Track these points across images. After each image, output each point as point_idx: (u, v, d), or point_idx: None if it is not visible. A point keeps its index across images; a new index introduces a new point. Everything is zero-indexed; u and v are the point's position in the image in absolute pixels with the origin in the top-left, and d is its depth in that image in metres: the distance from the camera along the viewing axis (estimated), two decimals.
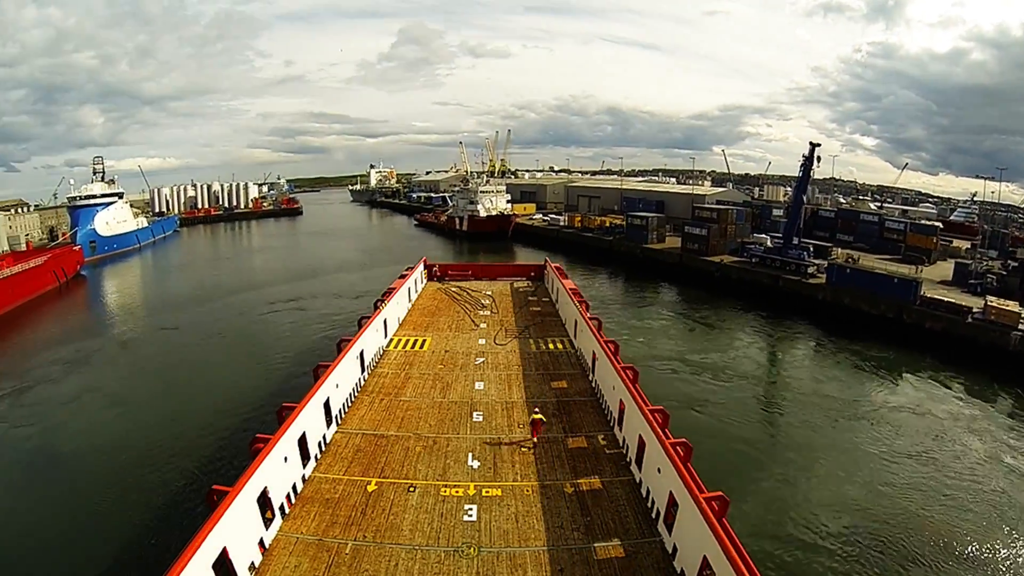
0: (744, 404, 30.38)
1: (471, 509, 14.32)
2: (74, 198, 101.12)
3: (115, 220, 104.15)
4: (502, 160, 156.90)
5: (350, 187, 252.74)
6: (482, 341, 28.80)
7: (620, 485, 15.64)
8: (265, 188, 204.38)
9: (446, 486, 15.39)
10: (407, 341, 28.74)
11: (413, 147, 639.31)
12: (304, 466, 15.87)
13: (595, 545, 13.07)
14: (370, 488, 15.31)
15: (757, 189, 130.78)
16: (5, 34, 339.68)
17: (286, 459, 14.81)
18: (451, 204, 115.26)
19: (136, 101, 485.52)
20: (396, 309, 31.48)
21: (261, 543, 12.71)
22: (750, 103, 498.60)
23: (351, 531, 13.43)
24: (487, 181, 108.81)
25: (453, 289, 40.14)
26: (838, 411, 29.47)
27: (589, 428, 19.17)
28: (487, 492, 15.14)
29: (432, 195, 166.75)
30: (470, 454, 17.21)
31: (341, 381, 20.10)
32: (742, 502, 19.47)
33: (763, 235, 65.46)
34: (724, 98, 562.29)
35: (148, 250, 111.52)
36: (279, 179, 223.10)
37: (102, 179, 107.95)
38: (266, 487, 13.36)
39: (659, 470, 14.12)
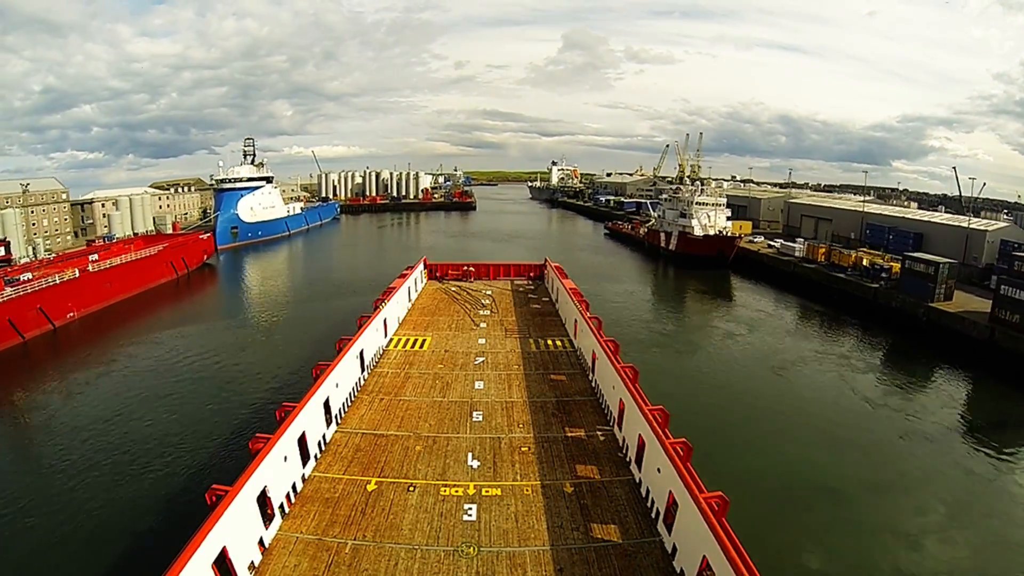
0: None
1: (471, 509, 14.28)
2: (221, 180, 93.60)
3: (261, 206, 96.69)
4: (693, 166, 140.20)
5: (529, 183, 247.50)
6: (482, 341, 28.68)
7: (620, 485, 15.59)
8: (441, 179, 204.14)
9: (446, 486, 15.38)
10: (407, 341, 28.71)
11: (587, 148, 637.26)
12: (304, 465, 15.91)
13: (595, 545, 13.02)
14: (370, 488, 15.32)
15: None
16: (210, 42, 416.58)
17: (286, 459, 14.85)
18: (654, 214, 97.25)
19: (321, 97, 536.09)
20: (396, 309, 31.48)
21: (261, 542, 12.73)
22: (932, 113, 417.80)
23: (351, 530, 13.43)
24: (702, 190, 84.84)
25: (453, 289, 40.26)
26: None
27: (589, 427, 19.13)
28: (487, 492, 15.10)
29: (623, 200, 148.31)
30: (470, 454, 17.17)
31: (341, 381, 20.19)
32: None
33: None
34: (892, 107, 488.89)
35: (299, 239, 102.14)
36: (455, 171, 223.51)
37: (252, 162, 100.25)
38: (266, 486, 13.39)
39: (659, 470, 14.06)
